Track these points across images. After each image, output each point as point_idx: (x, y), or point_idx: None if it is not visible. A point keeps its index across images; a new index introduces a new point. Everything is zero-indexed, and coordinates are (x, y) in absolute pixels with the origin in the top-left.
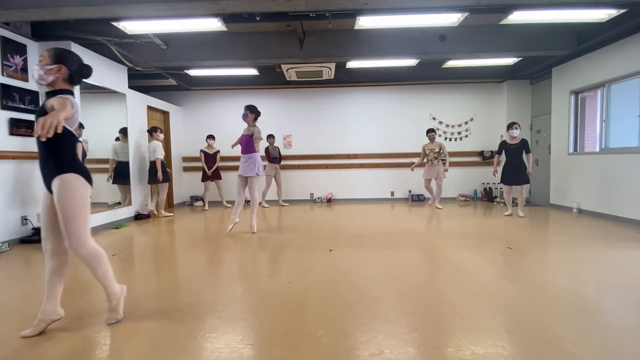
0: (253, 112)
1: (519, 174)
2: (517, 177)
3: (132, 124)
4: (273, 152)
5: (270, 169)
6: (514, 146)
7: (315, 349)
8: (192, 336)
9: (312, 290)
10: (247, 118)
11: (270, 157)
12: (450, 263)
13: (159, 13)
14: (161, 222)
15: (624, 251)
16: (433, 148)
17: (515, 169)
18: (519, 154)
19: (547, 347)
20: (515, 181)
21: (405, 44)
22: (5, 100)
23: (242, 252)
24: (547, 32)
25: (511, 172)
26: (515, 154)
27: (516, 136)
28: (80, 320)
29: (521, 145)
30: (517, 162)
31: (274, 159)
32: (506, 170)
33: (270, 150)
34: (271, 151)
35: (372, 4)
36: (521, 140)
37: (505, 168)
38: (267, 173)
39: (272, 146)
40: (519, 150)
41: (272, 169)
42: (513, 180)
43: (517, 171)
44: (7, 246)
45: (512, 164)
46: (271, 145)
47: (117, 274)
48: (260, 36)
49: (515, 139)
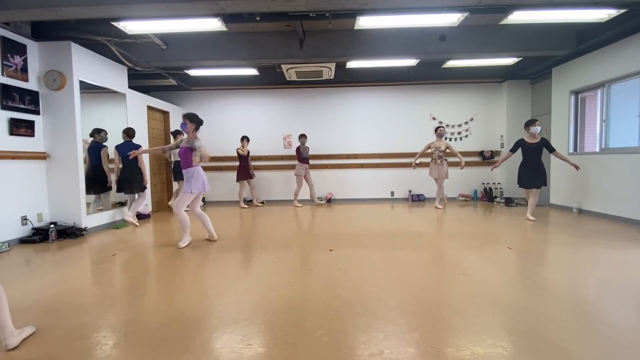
0: (193, 122)
1: (538, 176)
2: (536, 179)
3: (132, 124)
4: (304, 152)
5: (300, 169)
6: (534, 145)
7: (315, 349)
8: (192, 336)
9: (312, 290)
10: (186, 128)
11: (301, 157)
12: (451, 263)
13: (159, 13)
14: (162, 222)
15: (624, 251)
16: (439, 146)
17: (534, 170)
18: (538, 154)
19: (547, 347)
20: (534, 184)
21: (405, 44)
22: (5, 100)
23: (242, 252)
24: (547, 32)
25: (529, 173)
26: (535, 154)
27: (537, 134)
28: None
29: (541, 144)
30: (536, 163)
31: (305, 159)
32: (524, 172)
33: (302, 150)
34: (302, 151)
35: (372, 4)
36: (541, 139)
37: (522, 169)
38: (297, 173)
39: (304, 146)
40: (538, 151)
41: (302, 169)
42: (532, 183)
43: (536, 172)
44: (7, 246)
45: (531, 165)
46: (302, 145)
47: (117, 273)
48: (260, 36)
49: (536, 137)
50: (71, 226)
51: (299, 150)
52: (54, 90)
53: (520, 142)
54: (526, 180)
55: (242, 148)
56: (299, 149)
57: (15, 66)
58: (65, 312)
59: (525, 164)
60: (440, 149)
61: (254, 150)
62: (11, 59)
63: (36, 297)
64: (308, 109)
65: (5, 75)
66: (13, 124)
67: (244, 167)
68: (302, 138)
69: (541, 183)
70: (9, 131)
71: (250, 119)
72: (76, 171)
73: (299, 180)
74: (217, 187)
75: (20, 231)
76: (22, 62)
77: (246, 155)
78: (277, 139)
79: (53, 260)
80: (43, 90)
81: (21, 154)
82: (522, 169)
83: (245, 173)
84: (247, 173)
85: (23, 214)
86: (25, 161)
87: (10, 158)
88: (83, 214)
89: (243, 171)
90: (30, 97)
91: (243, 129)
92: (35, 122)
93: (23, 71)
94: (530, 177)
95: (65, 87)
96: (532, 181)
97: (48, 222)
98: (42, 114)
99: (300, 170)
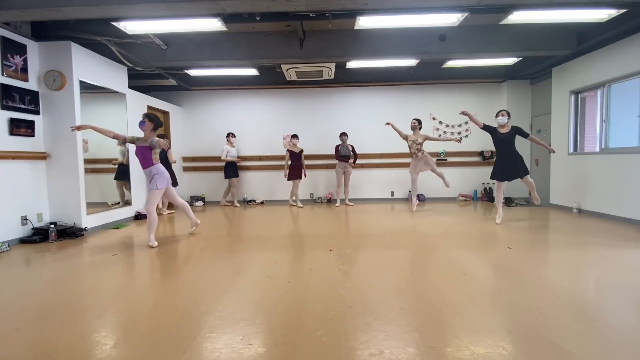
0: (152, 122)
1: (515, 167)
2: (512, 170)
3: (132, 124)
4: (343, 150)
5: (339, 167)
6: (505, 135)
7: (315, 349)
8: (192, 336)
9: (312, 290)
10: (144, 126)
11: (339, 155)
12: (451, 263)
13: (159, 13)
14: (162, 222)
15: (624, 251)
16: (416, 139)
17: (509, 162)
18: (510, 143)
19: (547, 347)
20: (511, 175)
21: (405, 44)
22: (5, 100)
23: (242, 252)
24: (547, 32)
25: (504, 165)
26: (507, 143)
27: (504, 124)
28: None
29: (513, 133)
30: (510, 154)
31: (345, 157)
32: (500, 166)
33: (340, 149)
34: (341, 150)
35: (372, 4)
36: (512, 127)
37: (497, 161)
38: (336, 172)
39: (344, 145)
40: (510, 139)
41: (341, 167)
42: (508, 175)
43: (512, 164)
44: (7, 246)
45: (505, 157)
46: (343, 144)
47: (117, 273)
48: (260, 36)
49: (505, 127)
50: (71, 226)
51: (338, 149)
52: (54, 90)
53: (492, 129)
54: (501, 173)
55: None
56: (338, 148)
57: (15, 66)
58: (65, 312)
59: (500, 155)
60: (418, 142)
61: (254, 150)
62: (11, 59)
63: (36, 297)
64: (308, 109)
65: (5, 75)
66: (13, 124)
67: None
68: (342, 137)
69: (522, 172)
70: (9, 131)
71: (250, 119)
72: (76, 171)
73: (339, 179)
74: (217, 187)
75: (20, 231)
76: (22, 62)
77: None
78: (277, 139)
79: (53, 260)
80: (43, 90)
81: (21, 154)
82: (496, 161)
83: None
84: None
85: (23, 214)
86: (25, 161)
87: (10, 158)
88: (83, 214)
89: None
90: (30, 97)
91: (243, 129)
92: (35, 122)
93: (23, 71)
94: (506, 168)
95: (65, 87)
96: (510, 173)
97: (48, 222)
98: (42, 114)
99: (339, 168)
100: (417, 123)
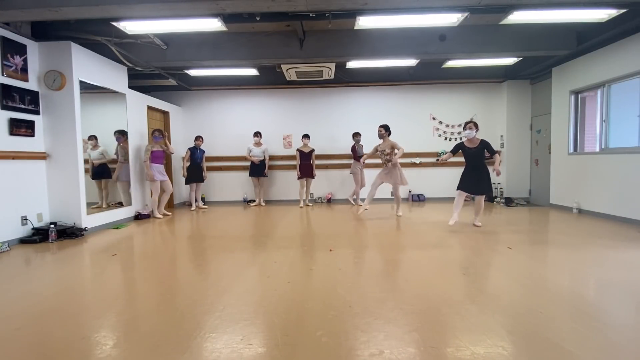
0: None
1: (481, 183)
2: (478, 186)
3: (132, 124)
4: (359, 150)
5: (355, 167)
6: (473, 150)
7: (315, 349)
8: (192, 336)
9: (312, 290)
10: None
11: (356, 155)
12: (450, 263)
13: (159, 13)
14: (162, 222)
15: (624, 251)
16: (383, 149)
17: (476, 177)
18: (478, 158)
19: (547, 347)
20: (477, 190)
21: (405, 44)
22: (5, 100)
23: (241, 252)
24: (547, 32)
25: (471, 179)
26: (475, 158)
27: (472, 137)
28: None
29: (481, 148)
30: (478, 169)
31: (361, 157)
32: (466, 176)
33: (357, 149)
34: (358, 149)
35: (372, 4)
36: (480, 142)
37: (464, 174)
38: (352, 172)
39: (358, 144)
40: (478, 155)
41: (357, 167)
42: (474, 189)
43: (479, 179)
44: (7, 246)
45: (472, 172)
46: (357, 144)
47: (117, 273)
48: (260, 36)
49: (473, 141)
50: (71, 226)
51: (354, 148)
52: (54, 90)
53: (460, 146)
54: (468, 186)
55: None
56: (354, 148)
57: (15, 66)
58: (65, 312)
59: (467, 168)
60: (386, 152)
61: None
62: (11, 59)
63: (36, 297)
64: (308, 109)
65: (5, 75)
66: (13, 124)
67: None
68: (356, 137)
69: (484, 190)
70: (9, 131)
71: (250, 119)
72: (76, 171)
73: (356, 179)
74: (217, 187)
75: (20, 231)
76: (22, 62)
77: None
78: (277, 139)
79: (53, 260)
80: (43, 90)
81: (21, 154)
82: (464, 172)
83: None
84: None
85: (23, 214)
86: (25, 161)
87: (10, 158)
88: (83, 214)
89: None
90: (30, 97)
91: (243, 129)
92: (35, 122)
93: (23, 71)
94: (473, 183)
95: (65, 87)
96: (474, 187)
97: (48, 222)
98: (42, 114)
99: (355, 168)
100: (384, 130)
